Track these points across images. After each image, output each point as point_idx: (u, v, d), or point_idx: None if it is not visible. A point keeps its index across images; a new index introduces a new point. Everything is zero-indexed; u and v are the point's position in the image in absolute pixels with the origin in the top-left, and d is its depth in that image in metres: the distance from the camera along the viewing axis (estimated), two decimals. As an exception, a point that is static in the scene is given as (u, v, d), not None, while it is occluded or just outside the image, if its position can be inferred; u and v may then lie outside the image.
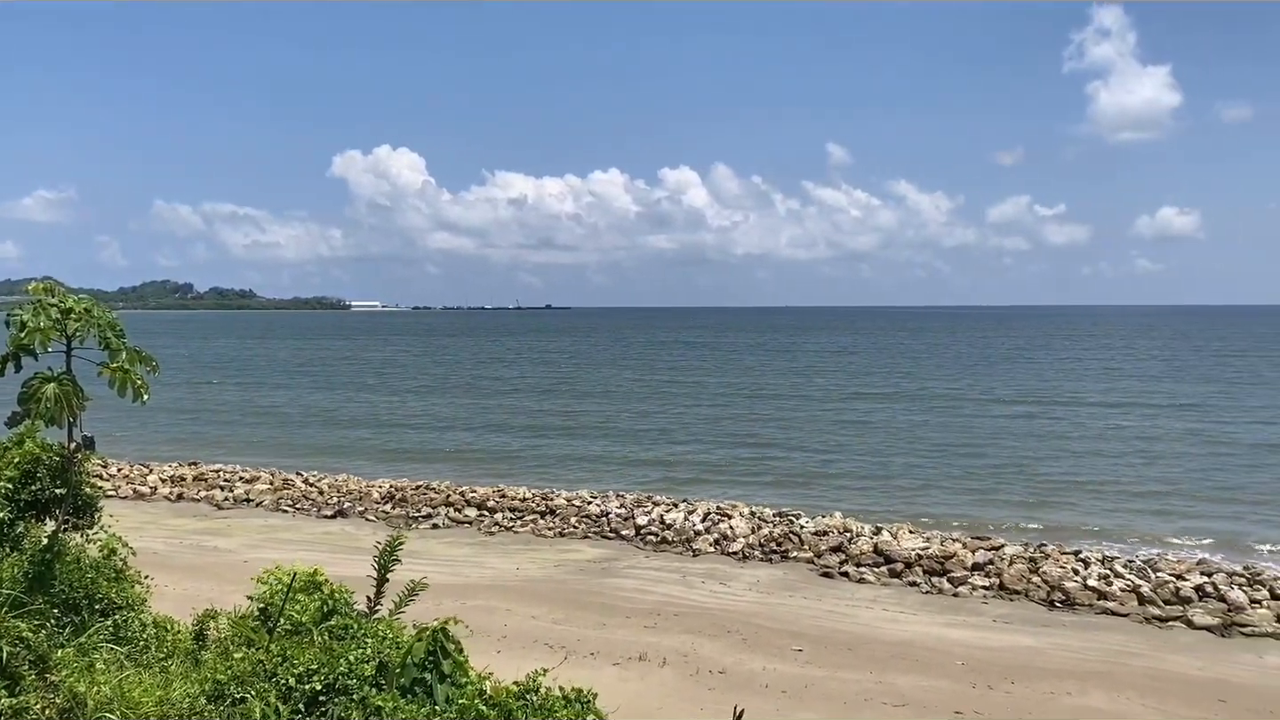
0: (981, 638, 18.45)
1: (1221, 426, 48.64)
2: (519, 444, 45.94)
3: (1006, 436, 46.11)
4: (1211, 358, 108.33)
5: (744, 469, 38.30)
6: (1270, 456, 39.72)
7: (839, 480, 35.85)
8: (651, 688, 15.14)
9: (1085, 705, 14.86)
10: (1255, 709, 14.97)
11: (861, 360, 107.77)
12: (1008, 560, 22.84)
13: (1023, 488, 34.13)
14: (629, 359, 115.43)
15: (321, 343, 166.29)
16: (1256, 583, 21.09)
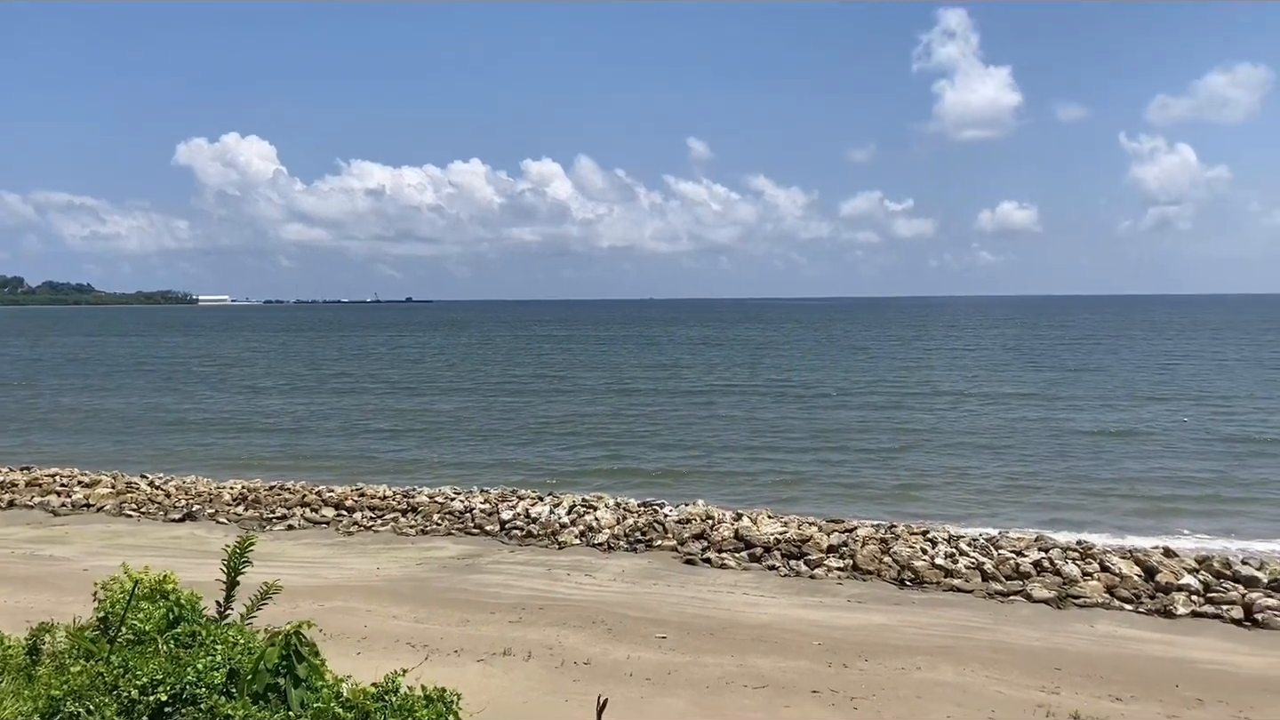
0: (837, 617, 19.11)
1: (1065, 414, 51.37)
2: (380, 444, 44.91)
3: (865, 427, 47.26)
4: (1055, 346, 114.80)
5: (611, 465, 38.20)
6: (1107, 442, 42.19)
7: (706, 476, 36.09)
8: (516, 682, 15.10)
9: (934, 679, 15.55)
10: (1087, 674, 15.95)
11: (724, 353, 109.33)
12: (861, 542, 23.69)
13: (882, 478, 35.08)
14: (494, 354, 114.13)
15: (165, 339, 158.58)
16: (1088, 556, 22.49)
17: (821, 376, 76.04)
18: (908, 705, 14.36)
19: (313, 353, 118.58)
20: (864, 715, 14.02)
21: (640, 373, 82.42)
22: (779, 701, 14.47)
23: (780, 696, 14.68)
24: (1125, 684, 15.48)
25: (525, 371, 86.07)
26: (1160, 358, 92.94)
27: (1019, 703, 14.56)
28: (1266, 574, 20.88)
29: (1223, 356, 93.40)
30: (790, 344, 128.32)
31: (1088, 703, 14.62)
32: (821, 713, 14.09)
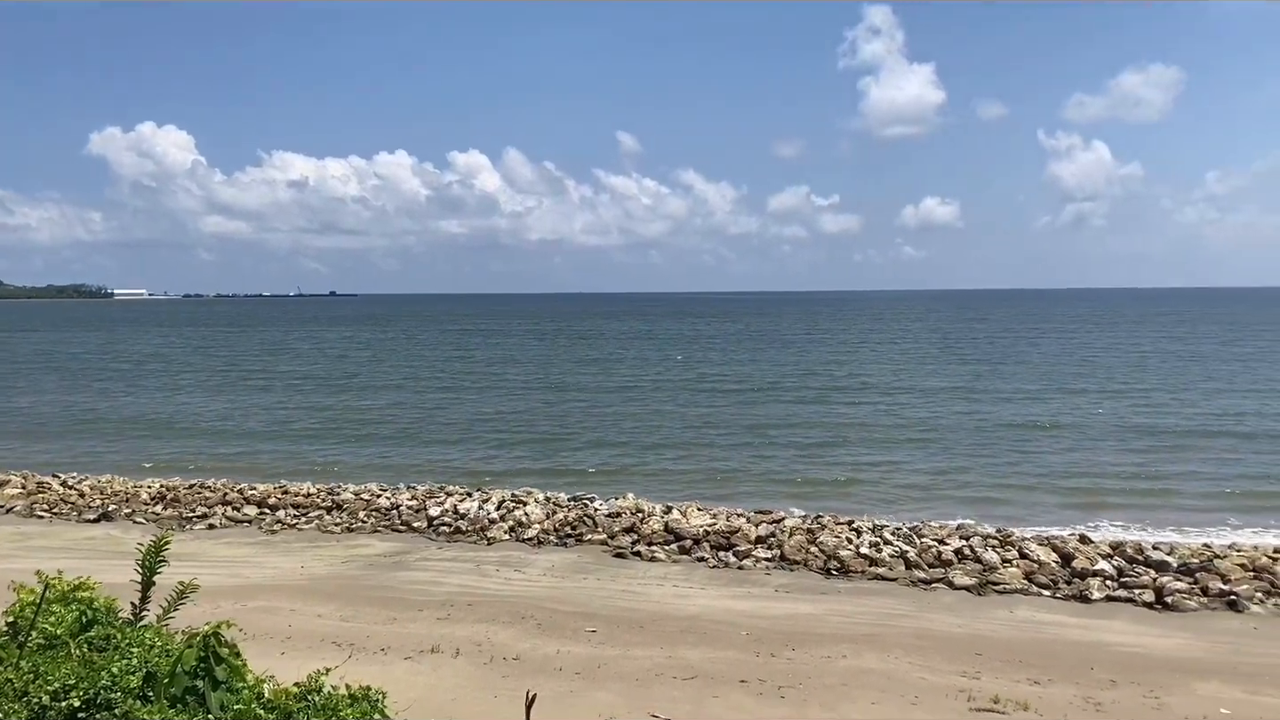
0: (765, 608, 19.33)
1: (989, 407, 52.53)
2: (304, 442, 44.10)
3: (796, 422, 47.62)
4: (977, 339, 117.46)
5: (542, 463, 37.76)
6: (1030, 434, 43.21)
7: (637, 473, 36.03)
8: (445, 679, 14.97)
9: (859, 666, 15.82)
10: (1007, 659, 16.36)
11: (657, 347, 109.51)
12: (788, 532, 23.99)
13: (812, 471, 35.41)
14: (421, 349, 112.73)
15: (78, 335, 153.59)
16: (1008, 544, 23.08)
17: (751, 370, 76.72)
18: (833, 693, 14.58)
19: (234, 348, 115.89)
20: (791, 704, 14.20)
21: (572, 368, 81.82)
22: (707, 692, 14.58)
23: (709, 687, 14.79)
24: (1043, 667, 15.92)
25: (453, 367, 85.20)
26: (1079, 351, 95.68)
27: (941, 688, 14.87)
28: (1176, 559, 21.66)
29: (1141, 349, 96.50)
30: (721, 337, 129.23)
31: (1007, 686, 15.00)
32: (749, 702, 14.23)
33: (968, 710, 14.01)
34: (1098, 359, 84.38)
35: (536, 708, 11.18)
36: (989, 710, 14.00)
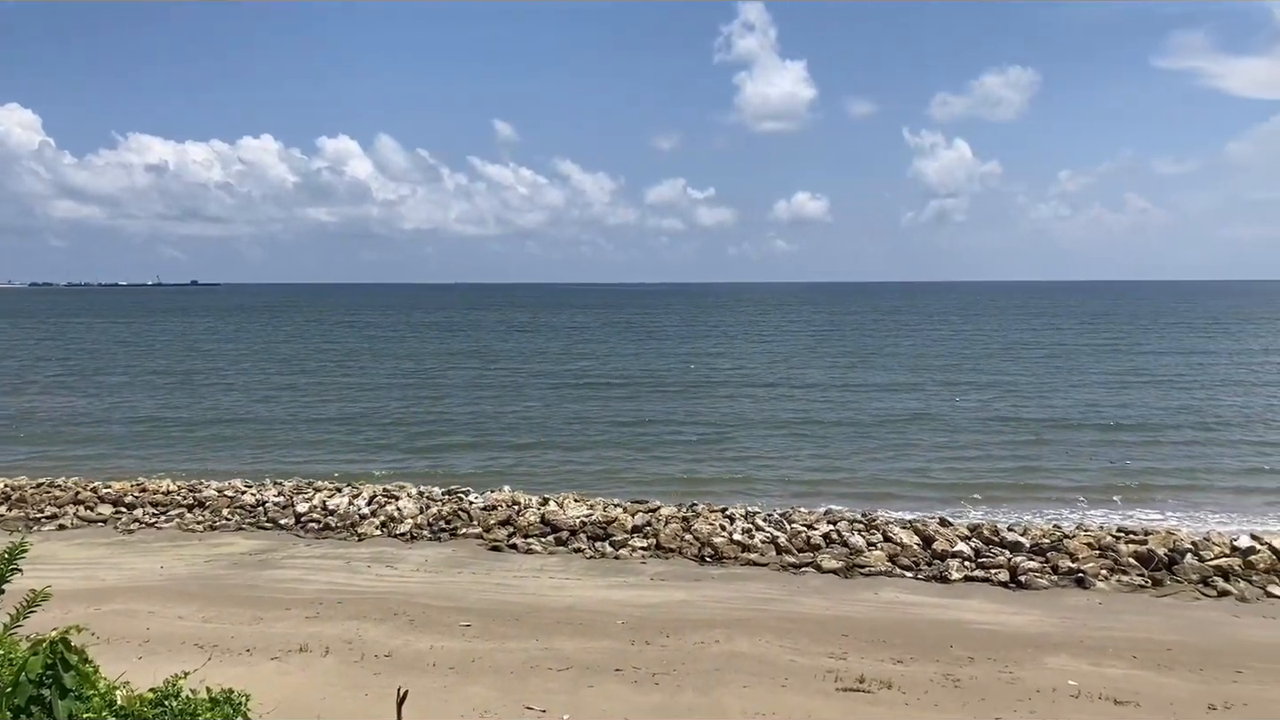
0: (640, 596, 19.52)
1: (865, 399, 54.00)
2: (163, 439, 42.26)
3: (677, 416, 47.57)
4: (850, 331, 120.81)
5: (416, 463, 36.61)
6: (899, 424, 44.59)
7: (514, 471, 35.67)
8: (313, 679, 14.62)
9: (731, 651, 16.13)
10: (872, 640, 16.94)
11: (535, 340, 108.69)
12: (664, 521, 24.26)
13: (694, 467, 35.54)
14: (288, 341, 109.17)
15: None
16: (872, 528, 23.86)
17: (629, 364, 77.08)
18: (706, 678, 14.84)
19: (87, 341, 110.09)
20: (665, 690, 14.39)
21: (447, 362, 79.80)
22: (583, 682, 14.65)
23: (584, 677, 14.85)
24: (905, 647, 16.54)
25: (321, 361, 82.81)
26: (946, 342, 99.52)
27: (810, 670, 15.30)
28: (1029, 539, 22.79)
29: (1004, 340, 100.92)
30: (603, 328, 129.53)
31: (872, 666, 15.53)
32: (624, 691, 14.36)
33: (835, 690, 14.45)
34: (963, 350, 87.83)
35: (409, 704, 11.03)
36: (855, 690, 14.48)
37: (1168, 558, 21.38)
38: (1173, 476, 33.47)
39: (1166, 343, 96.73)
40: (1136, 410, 48.29)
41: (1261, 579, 20.42)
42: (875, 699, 14.18)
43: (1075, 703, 14.14)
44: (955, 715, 13.62)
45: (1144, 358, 78.34)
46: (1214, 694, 14.53)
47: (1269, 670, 15.56)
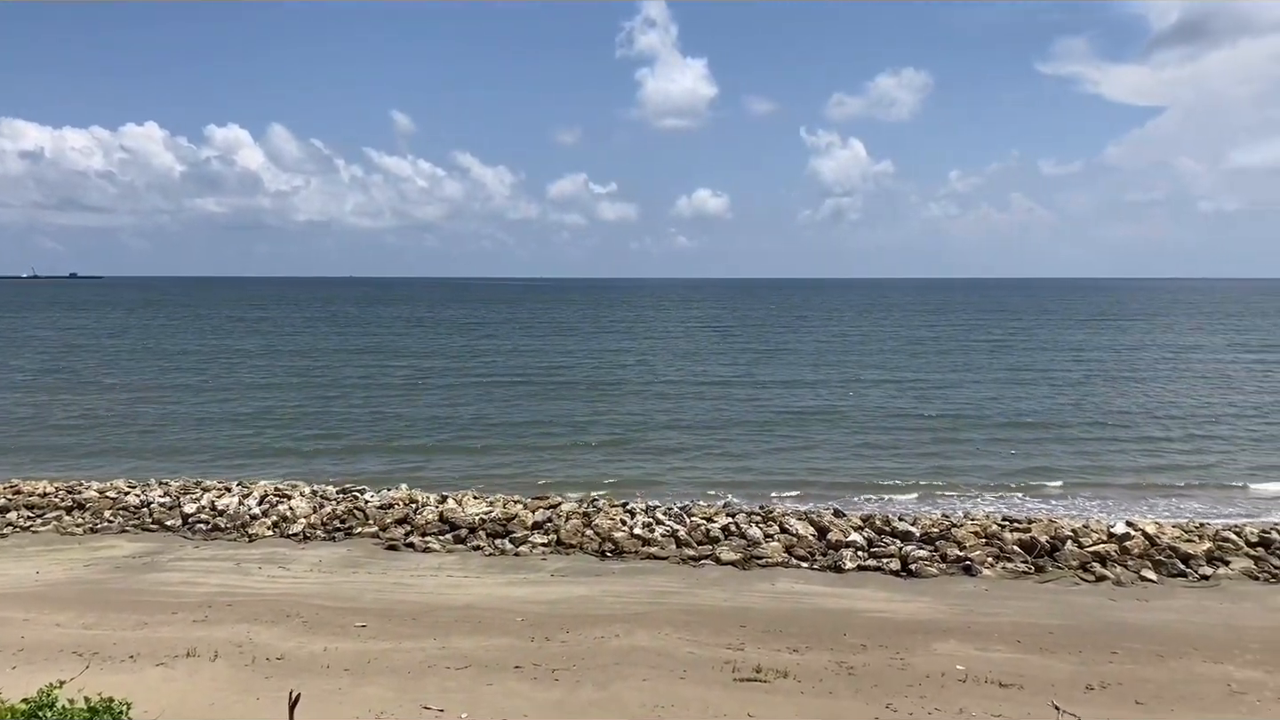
0: (540, 592, 19.43)
1: (767, 395, 54.71)
2: (39, 439, 40.37)
3: (581, 418, 47.30)
4: (750, 328, 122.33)
5: (317, 464, 35.55)
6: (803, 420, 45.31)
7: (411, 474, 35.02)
8: (201, 684, 14.16)
9: (631, 644, 16.20)
10: (768, 629, 17.20)
11: (439, 337, 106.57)
12: (565, 517, 24.20)
13: (598, 466, 35.37)
14: (174, 338, 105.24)
15: None
16: (770, 520, 24.23)
17: (534, 361, 76.51)
18: (606, 672, 14.87)
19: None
20: (564, 685, 14.37)
21: (343, 358, 77.44)
22: (482, 680, 14.53)
23: (483, 675, 14.73)
24: (801, 636, 16.85)
25: (210, 358, 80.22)
26: (844, 339, 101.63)
27: (708, 661, 15.46)
28: (919, 529, 23.43)
29: (904, 338, 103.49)
30: (505, 324, 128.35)
31: (769, 655, 15.78)
32: (523, 687, 14.29)
33: (732, 681, 14.64)
34: (862, 347, 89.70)
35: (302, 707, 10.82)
36: (752, 680, 14.69)
37: (1050, 545, 22.25)
38: (1061, 469, 34.83)
39: (1054, 337, 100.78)
40: (1026, 405, 50.15)
41: (1136, 564, 21.40)
42: (772, 688, 14.40)
43: (963, 687, 14.60)
44: (849, 703, 13.92)
45: (1033, 354, 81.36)
46: (1092, 674, 15.18)
47: (1142, 651, 16.32)
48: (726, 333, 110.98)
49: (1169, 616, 18.46)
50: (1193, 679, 15.07)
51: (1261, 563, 21.77)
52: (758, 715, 13.42)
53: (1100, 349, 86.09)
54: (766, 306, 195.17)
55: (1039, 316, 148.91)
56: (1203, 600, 19.64)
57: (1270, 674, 15.26)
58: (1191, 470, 34.89)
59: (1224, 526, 24.51)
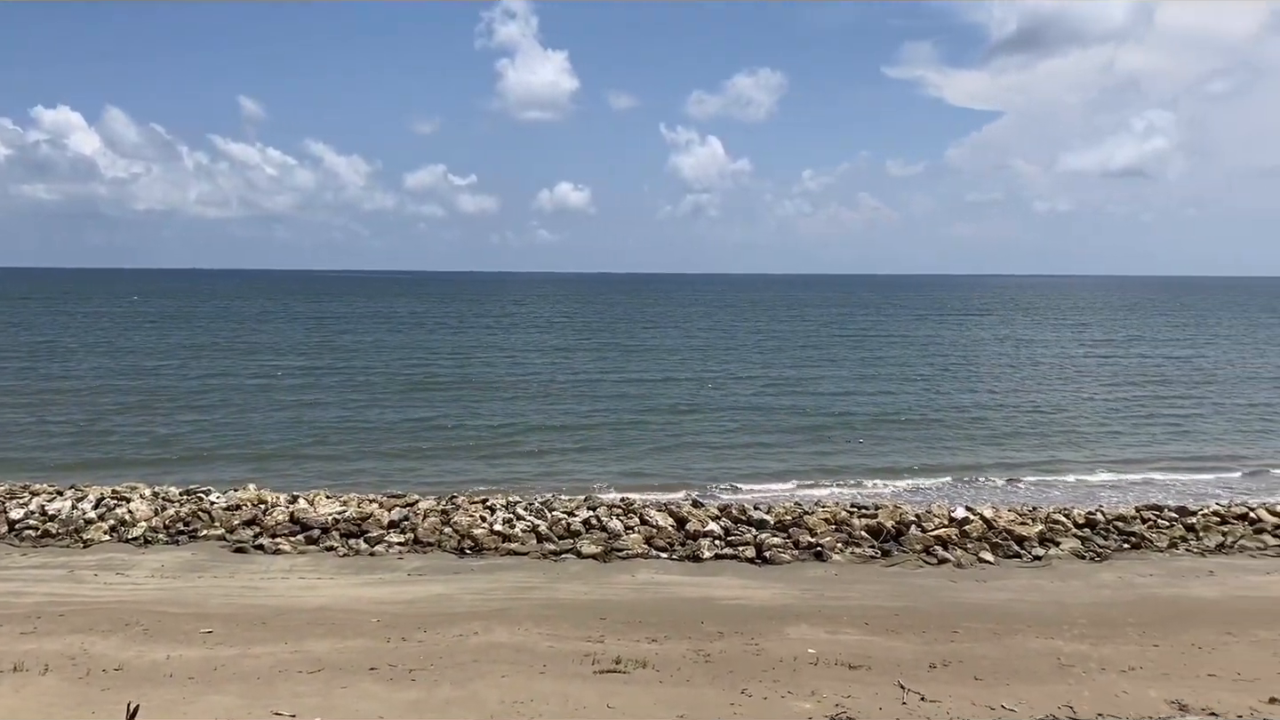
0: (397, 592, 19.09)
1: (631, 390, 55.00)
2: None
3: (448, 421, 45.60)
4: (615, 322, 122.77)
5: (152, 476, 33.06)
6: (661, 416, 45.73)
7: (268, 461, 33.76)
8: (29, 700, 13.33)
9: (490, 641, 16.08)
10: (628, 621, 17.36)
11: (291, 332, 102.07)
12: (422, 514, 23.82)
13: (465, 469, 34.47)
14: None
15: None
16: (630, 512, 24.43)
17: (390, 358, 74.89)
18: (464, 670, 14.72)
19: None
20: (422, 685, 14.16)
21: (178, 356, 71.68)
22: (335, 683, 14.17)
23: (337, 678, 14.37)
24: (660, 626, 17.07)
25: (32, 358, 75.42)
26: (710, 334, 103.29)
27: (568, 655, 15.49)
28: (774, 517, 24.05)
29: (767, 332, 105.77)
30: (362, 318, 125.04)
31: (628, 647, 15.92)
32: (379, 689, 14.01)
33: (592, 673, 14.71)
34: (727, 342, 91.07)
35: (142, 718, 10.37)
36: (611, 671, 14.80)
37: (895, 530, 23.18)
38: (910, 458, 36.39)
39: (904, 331, 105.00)
40: (881, 397, 52.11)
41: (975, 546, 22.52)
42: (631, 678, 14.55)
43: (814, 669, 15.07)
44: (705, 689, 14.18)
45: (886, 347, 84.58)
46: (934, 653, 15.89)
47: (980, 629, 17.19)
48: (594, 328, 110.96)
49: (1005, 596, 19.51)
50: (1026, 654, 15.96)
51: (1088, 542, 23.24)
52: (617, 706, 13.53)
53: (947, 342, 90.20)
54: (631, 301, 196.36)
55: (889, 311, 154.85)
56: (1035, 579, 20.83)
57: (1094, 646, 16.30)
58: (1031, 457, 37.01)
59: (1055, 509, 26.03)
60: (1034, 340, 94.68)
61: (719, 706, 13.53)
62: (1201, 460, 36.72)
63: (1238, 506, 26.00)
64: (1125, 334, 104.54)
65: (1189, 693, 14.24)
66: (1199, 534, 23.98)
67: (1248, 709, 13.66)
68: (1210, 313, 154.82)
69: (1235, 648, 16.33)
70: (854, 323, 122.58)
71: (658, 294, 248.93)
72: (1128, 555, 22.75)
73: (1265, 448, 39.35)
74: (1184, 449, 38.93)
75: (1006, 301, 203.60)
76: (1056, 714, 13.44)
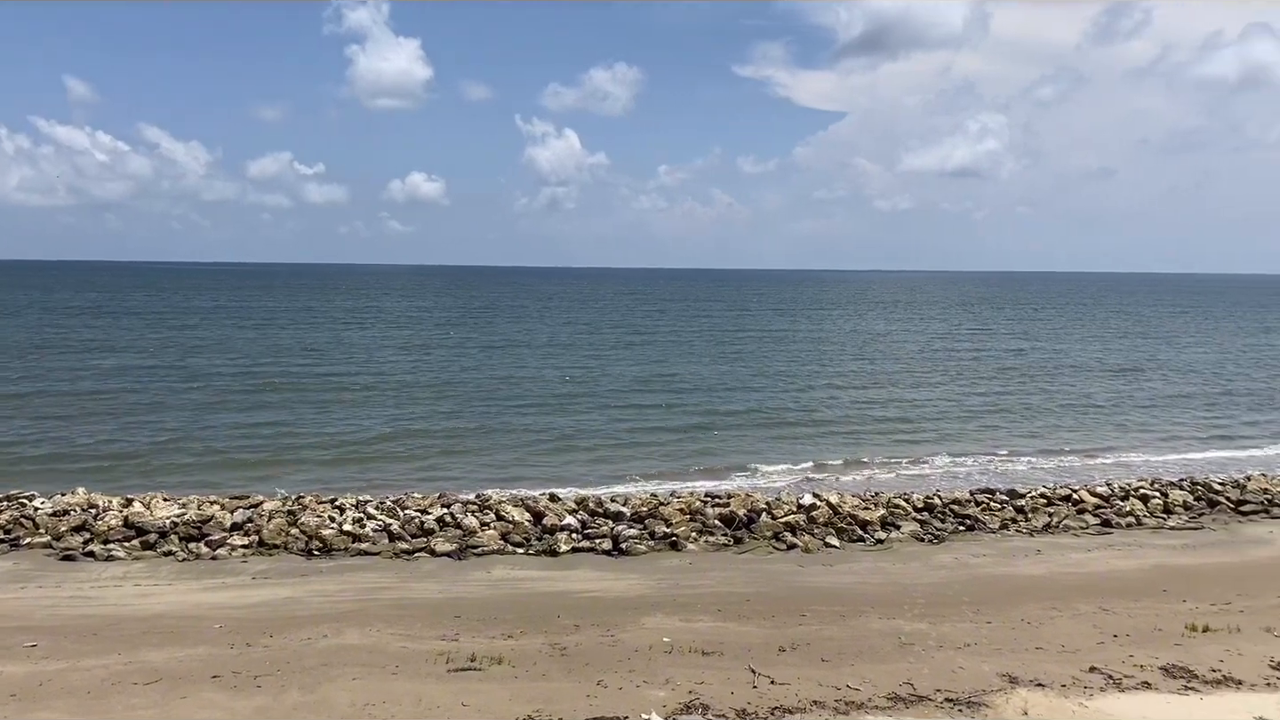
0: (240, 597, 18.40)
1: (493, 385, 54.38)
2: None
3: (302, 425, 42.82)
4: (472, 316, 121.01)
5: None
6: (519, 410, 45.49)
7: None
8: None
9: (340, 644, 15.68)
10: (483, 618, 17.23)
11: (123, 329, 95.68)
12: (267, 516, 22.99)
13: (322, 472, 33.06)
14: None
15: None
16: (486, 508, 24.23)
17: (234, 360, 71.86)
18: (313, 675, 14.30)
19: None
20: (268, 692, 13.68)
21: (7, 358, 65.25)
22: (175, 694, 13.54)
23: (176, 688, 13.74)
24: (516, 621, 17.00)
25: None
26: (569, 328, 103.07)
27: (422, 654, 15.25)
28: (630, 509, 24.28)
29: (628, 326, 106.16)
30: (207, 312, 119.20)
31: (484, 644, 15.80)
32: (221, 698, 13.46)
33: (446, 672, 14.53)
34: (588, 337, 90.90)
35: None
36: (466, 669, 14.65)
37: (747, 518, 23.75)
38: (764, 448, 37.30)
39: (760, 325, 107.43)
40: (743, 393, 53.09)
41: (821, 531, 23.30)
42: (486, 675, 14.44)
43: (669, 657, 15.29)
44: (561, 683, 14.20)
45: (744, 341, 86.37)
46: (783, 637, 16.36)
47: (827, 612, 17.80)
48: (452, 323, 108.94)
49: (849, 579, 20.26)
50: (869, 634, 16.60)
51: (926, 525, 24.37)
52: (472, 704, 13.40)
53: (802, 337, 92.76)
54: (488, 296, 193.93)
55: (745, 306, 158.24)
56: (878, 562, 21.71)
57: (933, 625, 17.10)
58: (877, 443, 38.48)
59: (896, 495, 27.16)
60: (885, 334, 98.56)
61: (574, 699, 13.57)
62: (1037, 446, 38.90)
63: (1062, 489, 27.75)
64: (968, 327, 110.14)
65: (1019, 665, 15.10)
66: (1028, 515, 25.48)
67: (1070, 678, 14.58)
68: (1042, 307, 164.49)
69: (1060, 621, 17.42)
70: (710, 317, 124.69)
71: (516, 288, 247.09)
72: (963, 537, 23.97)
73: (1093, 434, 42.04)
74: (1022, 436, 41.14)
75: (855, 297, 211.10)
76: (898, 691, 14.03)
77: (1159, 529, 25.02)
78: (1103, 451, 38.09)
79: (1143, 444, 39.78)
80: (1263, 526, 25.44)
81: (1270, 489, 28.19)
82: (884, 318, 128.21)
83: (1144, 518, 25.63)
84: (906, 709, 13.46)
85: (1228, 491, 27.86)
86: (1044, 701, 13.66)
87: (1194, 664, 15.17)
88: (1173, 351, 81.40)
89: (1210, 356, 76.75)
